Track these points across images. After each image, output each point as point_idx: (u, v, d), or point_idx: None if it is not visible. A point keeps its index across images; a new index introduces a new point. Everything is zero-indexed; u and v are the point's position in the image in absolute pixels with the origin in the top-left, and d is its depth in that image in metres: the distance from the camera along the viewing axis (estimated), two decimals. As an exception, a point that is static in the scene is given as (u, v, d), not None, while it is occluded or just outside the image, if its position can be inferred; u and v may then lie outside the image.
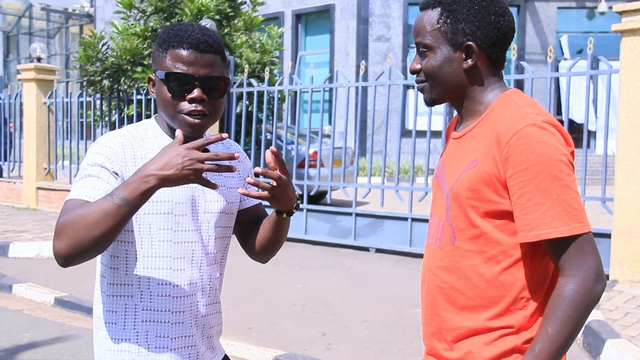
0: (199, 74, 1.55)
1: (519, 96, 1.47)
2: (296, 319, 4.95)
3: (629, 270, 5.64)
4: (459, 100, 1.53)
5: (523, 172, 1.35)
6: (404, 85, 7.56)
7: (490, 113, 1.47)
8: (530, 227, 1.36)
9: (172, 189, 1.57)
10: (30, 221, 9.14)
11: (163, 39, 1.60)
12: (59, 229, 1.44)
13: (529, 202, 1.35)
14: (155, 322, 1.59)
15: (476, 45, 1.46)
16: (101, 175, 1.52)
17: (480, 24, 1.45)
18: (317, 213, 7.95)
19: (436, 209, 1.57)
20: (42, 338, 4.65)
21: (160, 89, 1.58)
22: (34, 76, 10.50)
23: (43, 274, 6.47)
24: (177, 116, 1.58)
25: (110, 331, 1.59)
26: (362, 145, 15.29)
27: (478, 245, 1.44)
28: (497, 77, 1.52)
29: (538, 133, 1.36)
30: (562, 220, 1.34)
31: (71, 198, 1.51)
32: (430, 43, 1.48)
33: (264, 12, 12.22)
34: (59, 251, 1.44)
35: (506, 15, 1.49)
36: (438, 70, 1.49)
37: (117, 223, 1.40)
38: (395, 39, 16.10)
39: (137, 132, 1.63)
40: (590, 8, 16.33)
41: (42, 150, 10.63)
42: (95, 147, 1.57)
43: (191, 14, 8.98)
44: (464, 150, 1.50)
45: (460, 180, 1.45)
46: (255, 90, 8.45)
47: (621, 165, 5.70)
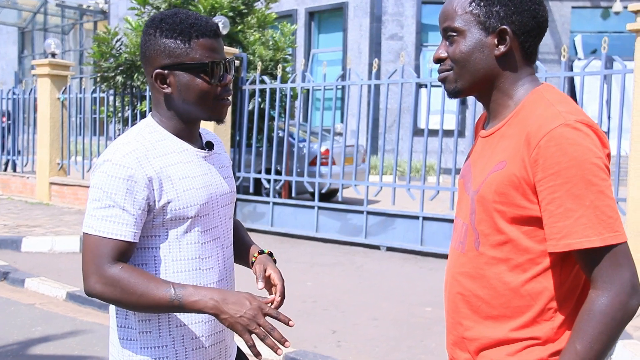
0: (224, 59, 1.59)
1: (552, 92, 1.38)
2: (306, 316, 4.96)
3: (642, 272, 5.60)
4: (487, 92, 1.43)
5: (554, 176, 1.26)
6: (416, 84, 7.54)
7: (520, 110, 1.38)
8: (561, 235, 1.26)
9: (194, 192, 1.57)
10: (43, 216, 9.21)
11: (177, 30, 1.54)
12: (107, 278, 1.46)
13: (559, 208, 1.26)
14: (190, 325, 1.58)
15: (510, 30, 1.37)
16: (126, 206, 1.48)
17: (517, 9, 1.36)
18: (328, 211, 7.95)
19: (461, 211, 1.48)
20: (54, 332, 4.69)
21: (191, 82, 1.55)
22: (48, 72, 10.57)
23: (55, 268, 6.52)
24: (214, 104, 1.59)
25: (146, 340, 1.57)
26: (373, 144, 15.28)
27: (504, 252, 1.35)
28: (529, 70, 1.42)
29: (571, 134, 1.26)
30: (596, 229, 1.24)
31: (99, 235, 1.47)
32: (461, 27, 1.39)
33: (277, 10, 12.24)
34: (92, 291, 1.49)
35: (542, 4, 1.40)
36: (467, 56, 1.39)
37: (158, 311, 1.51)
38: (409, 37, 16.06)
39: (145, 140, 1.57)
40: (605, 8, 16.20)
41: (55, 145, 10.70)
42: (111, 169, 1.49)
43: (205, 11, 9.01)
44: (492, 150, 1.41)
45: (487, 183, 1.36)
46: (267, 88, 8.46)
47: (635, 166, 5.66)
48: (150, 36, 1.57)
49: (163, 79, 1.57)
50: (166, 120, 1.61)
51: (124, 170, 1.48)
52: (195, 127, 1.65)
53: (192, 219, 1.56)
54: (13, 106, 11.83)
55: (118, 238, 1.47)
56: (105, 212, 1.48)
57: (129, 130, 1.62)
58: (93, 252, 1.47)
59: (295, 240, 7.97)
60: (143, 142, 1.55)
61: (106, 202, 1.48)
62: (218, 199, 1.64)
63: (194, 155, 1.62)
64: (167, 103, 1.59)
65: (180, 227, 1.55)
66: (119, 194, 1.47)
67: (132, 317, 1.58)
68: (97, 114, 10.30)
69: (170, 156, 1.56)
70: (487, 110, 1.48)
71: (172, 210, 1.53)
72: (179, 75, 1.55)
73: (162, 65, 1.55)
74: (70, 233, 7.75)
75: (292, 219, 8.20)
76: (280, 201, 8.34)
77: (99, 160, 1.53)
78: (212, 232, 1.62)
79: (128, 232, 1.48)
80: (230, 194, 1.71)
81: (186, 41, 1.54)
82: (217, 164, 1.69)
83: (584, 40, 16.03)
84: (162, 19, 1.57)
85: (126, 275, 1.45)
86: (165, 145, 1.58)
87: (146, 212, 1.51)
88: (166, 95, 1.58)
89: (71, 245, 7.36)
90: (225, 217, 1.68)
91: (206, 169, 1.63)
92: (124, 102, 9.90)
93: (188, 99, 1.56)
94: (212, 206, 1.62)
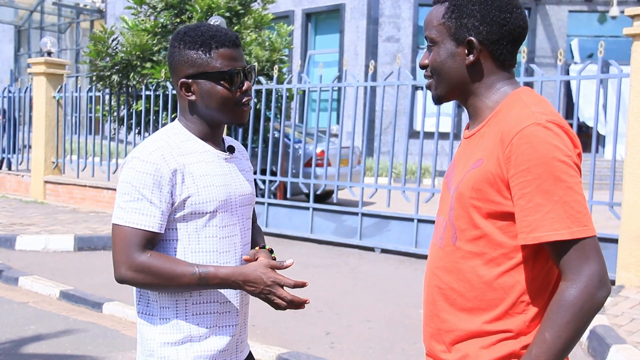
0: (243, 67, 1.71)
1: (528, 94, 1.44)
2: (300, 318, 4.95)
3: (636, 276, 5.61)
4: (465, 97, 1.51)
5: (524, 172, 1.32)
6: (412, 86, 7.55)
7: (498, 112, 1.44)
8: (530, 228, 1.32)
9: (214, 189, 1.68)
10: (38, 214, 9.18)
11: (199, 42, 1.66)
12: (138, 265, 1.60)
13: (529, 203, 1.32)
14: (205, 314, 1.69)
15: (477, 41, 1.44)
16: (153, 199, 1.61)
17: (484, 20, 1.43)
18: (323, 212, 7.95)
19: (442, 208, 1.54)
20: (46, 331, 4.67)
21: (212, 89, 1.68)
22: (44, 70, 10.54)
23: (49, 267, 6.50)
24: (235, 109, 1.71)
25: (164, 326, 1.68)
26: (369, 145, 15.28)
27: (479, 246, 1.41)
28: (505, 75, 1.48)
29: (541, 133, 1.32)
30: (564, 222, 1.30)
31: (128, 226, 1.60)
32: (436, 37, 1.48)
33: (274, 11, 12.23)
34: (124, 278, 1.61)
35: (514, 12, 1.45)
36: (442, 65, 1.48)
37: (185, 291, 1.65)
38: (405, 39, 16.08)
39: (170, 139, 1.69)
40: (602, 12, 16.25)
41: (50, 144, 10.67)
42: (139, 165, 1.62)
43: (201, 11, 9.00)
44: (472, 149, 1.48)
45: (465, 180, 1.43)
46: (263, 88, 8.46)
47: (630, 170, 5.67)
48: (175, 48, 1.70)
49: (187, 87, 1.70)
50: (191, 124, 1.74)
51: (151, 166, 1.61)
52: (218, 131, 1.77)
53: (211, 213, 1.67)
54: (8, 104, 11.79)
55: (146, 229, 1.61)
56: (134, 205, 1.61)
57: (157, 132, 1.75)
58: (123, 241, 1.60)
59: (289, 241, 7.96)
60: (168, 142, 1.68)
61: (135, 195, 1.61)
62: (237, 198, 1.75)
63: (216, 156, 1.74)
64: (192, 109, 1.73)
65: (200, 220, 1.67)
66: (147, 188, 1.61)
67: (154, 304, 1.69)
68: (93, 113, 10.28)
69: (193, 155, 1.69)
70: (469, 114, 1.54)
71: (192, 204, 1.65)
72: (202, 84, 1.68)
73: (186, 75, 1.69)
74: (65, 232, 7.72)
75: (287, 220, 8.19)
76: (275, 202, 8.33)
77: (128, 158, 1.66)
78: (230, 228, 1.73)
79: (155, 224, 1.61)
80: (249, 196, 1.81)
81: (207, 52, 1.67)
82: (237, 167, 1.81)
83: (581, 44, 16.07)
84: (185, 32, 1.70)
85: (155, 262, 1.59)
86: (189, 145, 1.70)
87: (170, 205, 1.64)
88: (190, 102, 1.72)
89: (65, 244, 7.34)
90: (243, 217, 1.79)
91: (226, 170, 1.75)
92: (119, 101, 9.87)
93: (210, 105, 1.69)
94: (230, 204, 1.73)
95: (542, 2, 16.12)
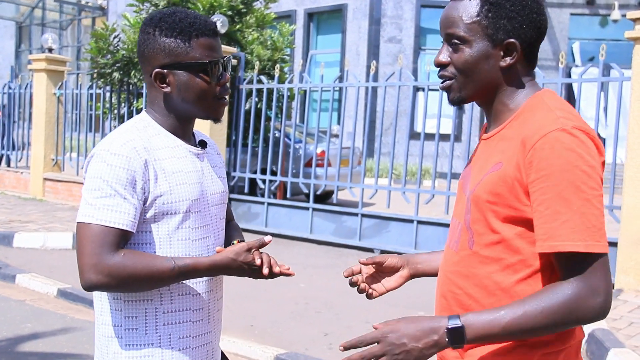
0: (222, 57, 1.60)
1: (551, 97, 1.40)
2: (298, 318, 4.94)
3: (635, 280, 5.60)
4: (490, 99, 1.45)
5: (545, 177, 1.27)
6: (414, 87, 7.53)
7: (520, 114, 1.40)
8: (547, 236, 1.27)
9: (187, 187, 1.57)
10: (36, 212, 9.17)
11: (177, 29, 1.53)
12: (110, 268, 1.43)
13: (548, 209, 1.26)
14: (177, 324, 1.57)
15: (518, 44, 1.39)
16: (127, 195, 1.47)
17: (523, 22, 1.38)
18: (322, 212, 7.93)
19: (457, 211, 1.50)
20: (43, 329, 4.65)
21: (190, 81, 1.56)
22: (45, 67, 10.53)
23: (47, 265, 6.49)
24: (212, 103, 1.60)
25: (131, 337, 1.55)
26: (370, 146, 15.26)
27: (496, 252, 1.36)
28: (531, 76, 1.45)
29: (566, 139, 1.27)
30: (581, 234, 1.24)
31: (100, 224, 1.44)
32: (467, 36, 1.39)
33: (276, 10, 12.22)
34: (95, 284, 1.44)
35: (544, 13, 1.42)
36: (473, 66, 1.40)
37: (163, 286, 1.54)
38: (407, 40, 16.06)
39: (139, 132, 1.56)
40: (603, 15, 16.24)
41: (50, 141, 10.66)
42: (110, 158, 1.48)
43: (204, 9, 8.98)
44: (490, 151, 1.42)
45: (483, 183, 1.38)
46: (265, 88, 8.44)
47: (630, 174, 5.66)
48: (149, 35, 1.56)
49: (162, 78, 1.57)
50: (162, 117, 1.61)
51: (124, 159, 1.48)
52: (189, 125, 1.65)
53: (184, 214, 1.56)
54: (8, 100, 11.78)
55: (120, 227, 1.46)
56: (106, 202, 1.46)
57: (124, 124, 1.61)
58: (93, 242, 1.43)
59: (289, 241, 7.94)
60: (138, 134, 1.55)
61: (107, 191, 1.46)
62: (210, 197, 1.64)
63: (187, 151, 1.62)
64: (166, 102, 1.59)
65: (172, 222, 1.55)
66: (120, 183, 1.47)
67: (118, 314, 1.55)
68: (93, 110, 10.26)
69: (163, 150, 1.57)
70: (487, 115, 1.49)
71: (164, 203, 1.53)
72: (179, 75, 1.55)
73: (162, 65, 1.55)
74: (63, 229, 7.71)
75: (287, 220, 8.18)
76: (275, 202, 8.32)
77: (95, 150, 1.51)
78: (203, 230, 1.61)
79: (129, 222, 1.47)
80: (222, 194, 1.71)
81: (186, 40, 1.54)
82: (210, 163, 1.69)
83: (582, 47, 16.06)
84: (161, 18, 1.56)
85: (130, 262, 1.44)
86: (159, 139, 1.58)
87: (142, 202, 1.50)
88: (165, 94, 1.58)
89: (63, 242, 7.32)
90: (216, 217, 1.68)
91: (198, 166, 1.64)
92: (120, 99, 9.86)
93: (187, 98, 1.57)
94: (203, 203, 1.61)
95: (544, 4, 16.07)
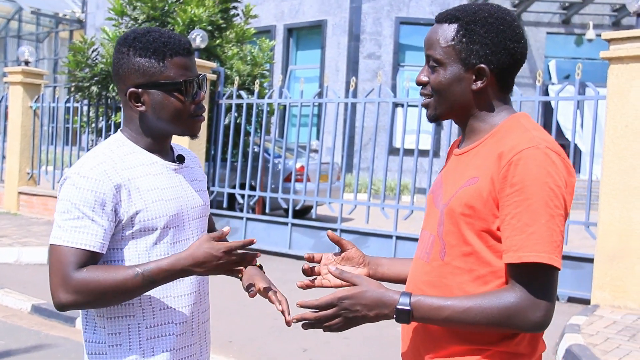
0: (197, 76, 1.62)
1: (528, 120, 1.46)
2: (277, 334, 4.90)
3: (611, 295, 5.65)
4: (464, 118, 1.51)
5: (519, 192, 1.33)
6: (393, 103, 7.58)
7: (496, 133, 1.46)
8: (516, 248, 1.32)
9: (163, 203, 1.58)
10: (10, 226, 9.02)
11: (151, 49, 1.54)
12: (75, 285, 1.45)
13: (518, 222, 1.32)
14: (160, 337, 1.58)
15: (488, 69, 1.44)
16: (95, 218, 1.49)
17: (496, 49, 1.43)
18: (301, 228, 7.92)
19: (428, 223, 1.54)
20: (17, 346, 4.56)
21: (165, 100, 1.57)
22: (21, 79, 10.41)
23: (21, 280, 6.37)
24: (188, 121, 1.61)
25: (115, 353, 1.56)
26: (349, 162, 15.30)
27: (468, 263, 1.41)
28: (505, 100, 1.50)
29: (539, 156, 1.34)
30: (545, 246, 1.31)
31: (67, 245, 1.47)
32: (442, 59, 1.46)
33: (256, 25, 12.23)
34: (64, 303, 1.47)
35: (521, 41, 1.46)
36: (446, 87, 1.47)
37: (135, 296, 1.51)
38: (386, 57, 16.19)
39: (113, 153, 1.58)
40: (579, 35, 16.54)
41: (25, 154, 10.52)
42: (80, 181, 1.50)
43: (183, 24, 8.97)
44: (464, 166, 1.48)
45: (457, 196, 1.42)
46: (244, 103, 8.44)
47: (605, 191, 5.74)
48: (124, 55, 1.57)
49: (137, 97, 1.58)
50: (137, 135, 1.63)
51: (92, 182, 1.50)
52: (166, 141, 1.67)
53: (162, 230, 1.57)
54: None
55: (86, 248, 1.48)
56: (74, 224, 1.49)
57: (98, 145, 1.64)
58: (60, 261, 1.46)
59: (268, 256, 7.91)
60: (111, 155, 1.57)
61: (75, 213, 1.49)
62: (189, 211, 1.65)
63: (164, 167, 1.64)
64: (141, 120, 1.61)
65: (149, 238, 1.56)
66: (88, 206, 1.49)
67: (102, 331, 1.57)
68: (70, 123, 10.16)
69: (138, 168, 1.58)
70: (463, 132, 1.54)
71: (140, 221, 1.54)
72: (153, 94, 1.57)
73: (136, 84, 1.57)
74: (38, 244, 7.59)
75: (265, 235, 8.15)
76: (254, 217, 8.28)
77: (67, 174, 1.54)
78: (182, 244, 1.62)
79: (97, 243, 1.49)
80: (202, 207, 1.71)
81: (160, 60, 1.55)
82: (188, 177, 1.70)
83: (558, 65, 16.34)
84: (135, 38, 1.57)
85: (92, 275, 1.46)
86: (134, 158, 1.60)
87: (114, 223, 1.52)
88: (140, 113, 1.60)
89: (38, 257, 7.21)
90: (197, 230, 1.68)
91: (176, 182, 1.65)
92: (98, 112, 9.78)
93: (162, 117, 1.59)
94: (182, 218, 1.63)
95: (521, 23, 16.35)
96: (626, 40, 5.66)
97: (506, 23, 1.44)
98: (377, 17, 16.22)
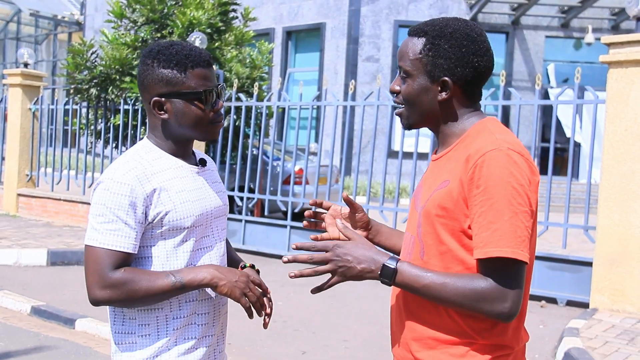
0: (216, 86, 1.74)
1: (494, 124, 1.55)
2: (276, 336, 4.91)
3: (609, 299, 5.66)
4: (435, 126, 1.61)
5: (483, 192, 1.41)
6: (392, 106, 7.59)
7: (465, 138, 1.55)
8: (483, 244, 1.41)
9: (190, 204, 1.70)
10: (10, 228, 9.01)
11: (174, 61, 1.66)
12: (111, 284, 1.59)
13: (484, 220, 1.41)
14: (185, 327, 1.71)
15: (451, 82, 1.53)
16: (128, 221, 1.61)
17: (459, 63, 1.52)
18: (301, 230, 7.92)
19: (410, 225, 1.63)
20: (16, 348, 4.56)
21: (186, 109, 1.69)
22: (20, 82, 10.42)
23: (20, 282, 6.37)
24: (208, 127, 1.74)
25: (145, 342, 1.69)
26: (347, 164, 15.31)
27: (444, 261, 1.50)
28: (473, 108, 1.59)
29: (501, 158, 1.42)
30: (508, 241, 1.39)
31: (103, 247, 1.60)
32: (411, 70, 1.56)
33: (255, 28, 12.25)
34: (98, 299, 1.61)
35: (485, 55, 1.54)
36: (415, 97, 1.57)
37: (165, 299, 1.65)
38: (385, 59, 16.21)
39: (142, 159, 1.70)
40: (577, 38, 16.58)
41: (24, 156, 10.52)
42: (113, 186, 1.62)
43: (182, 27, 8.98)
44: (439, 171, 1.57)
45: (432, 199, 1.52)
46: (243, 105, 8.44)
47: (605, 195, 5.75)
48: (148, 66, 1.70)
49: (160, 106, 1.71)
50: (162, 141, 1.75)
51: (125, 187, 1.62)
52: (189, 146, 1.79)
53: (188, 229, 1.70)
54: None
55: (120, 250, 1.61)
56: (108, 227, 1.61)
57: (127, 151, 1.76)
58: (96, 262, 1.60)
59: (266, 259, 7.91)
60: (141, 161, 1.69)
61: (110, 217, 1.61)
62: (212, 211, 1.78)
63: (189, 171, 1.76)
64: (164, 127, 1.74)
65: (177, 237, 1.69)
66: (122, 210, 1.61)
67: (132, 322, 1.69)
68: (69, 125, 10.16)
69: (166, 172, 1.71)
70: (437, 139, 1.65)
71: (170, 221, 1.67)
72: (175, 103, 1.69)
73: (160, 94, 1.69)
74: (37, 246, 7.58)
75: (264, 237, 8.15)
76: (253, 219, 8.28)
77: (100, 179, 1.66)
78: (205, 240, 1.76)
79: (129, 245, 1.62)
80: (222, 207, 1.84)
81: (182, 71, 1.67)
82: (209, 180, 1.83)
83: (557, 68, 16.36)
84: (159, 50, 1.70)
85: (130, 276, 1.60)
86: (162, 162, 1.72)
87: (144, 225, 1.65)
88: (163, 120, 1.72)
89: (37, 259, 7.20)
90: (218, 228, 1.81)
91: (200, 184, 1.78)
92: (97, 114, 9.78)
93: (184, 124, 1.71)
94: (206, 217, 1.75)
95: (520, 27, 16.39)
96: (625, 44, 5.68)
97: (470, 39, 1.52)
98: (376, 20, 16.25)
